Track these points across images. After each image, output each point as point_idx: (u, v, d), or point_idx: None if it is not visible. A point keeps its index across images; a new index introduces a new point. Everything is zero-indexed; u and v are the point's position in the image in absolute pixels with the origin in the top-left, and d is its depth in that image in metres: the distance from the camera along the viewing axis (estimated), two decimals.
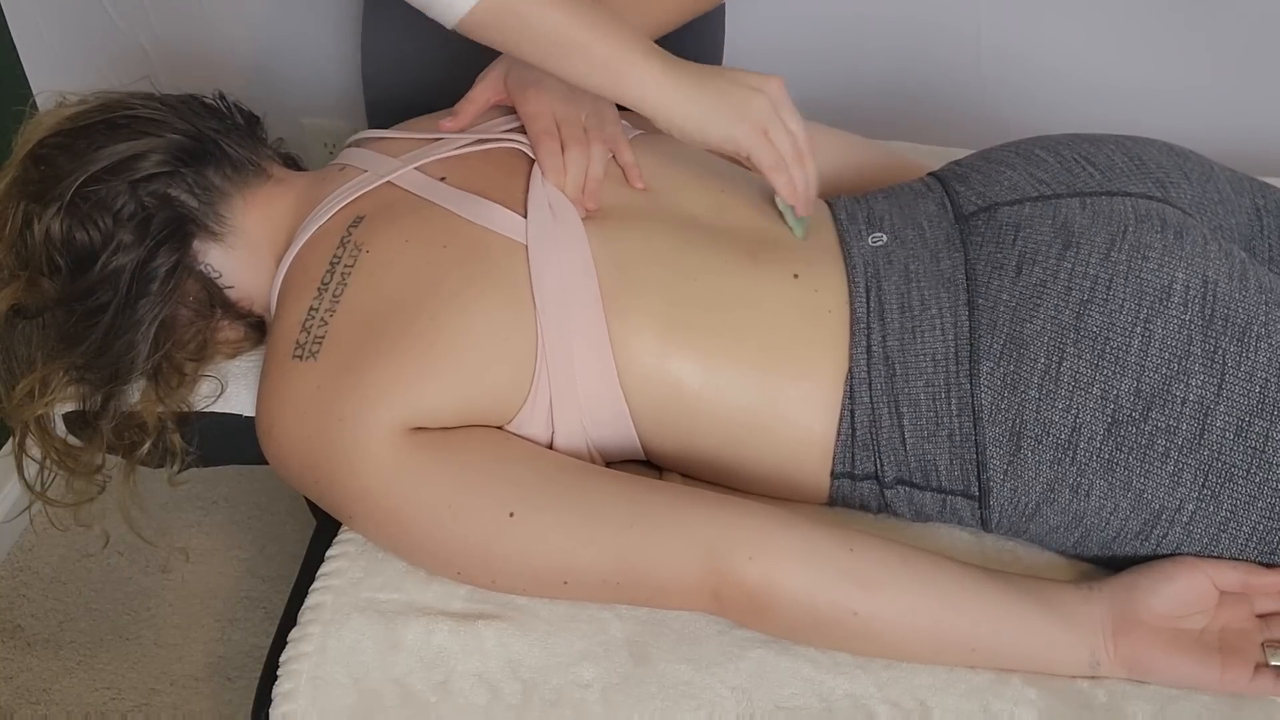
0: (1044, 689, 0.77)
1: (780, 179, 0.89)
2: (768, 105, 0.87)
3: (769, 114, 0.87)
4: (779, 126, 0.88)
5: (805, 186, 0.90)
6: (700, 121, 0.85)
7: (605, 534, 0.79)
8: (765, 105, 0.87)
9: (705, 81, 0.86)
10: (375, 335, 0.82)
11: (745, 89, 0.87)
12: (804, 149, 0.90)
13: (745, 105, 0.86)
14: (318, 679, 0.79)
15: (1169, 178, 0.91)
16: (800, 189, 0.90)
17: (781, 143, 0.88)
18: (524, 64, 0.94)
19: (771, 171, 0.88)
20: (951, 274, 0.86)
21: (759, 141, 0.87)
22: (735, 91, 0.86)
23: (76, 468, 0.90)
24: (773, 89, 0.88)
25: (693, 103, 0.85)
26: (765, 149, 0.87)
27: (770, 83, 0.88)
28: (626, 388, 0.84)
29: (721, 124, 0.86)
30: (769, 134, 0.87)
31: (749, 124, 0.86)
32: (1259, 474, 0.77)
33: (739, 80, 0.87)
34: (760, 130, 0.87)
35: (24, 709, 1.43)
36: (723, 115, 0.86)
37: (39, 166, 0.88)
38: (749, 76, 0.88)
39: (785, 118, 0.88)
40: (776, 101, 0.88)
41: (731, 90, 0.86)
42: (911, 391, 0.83)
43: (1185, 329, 0.79)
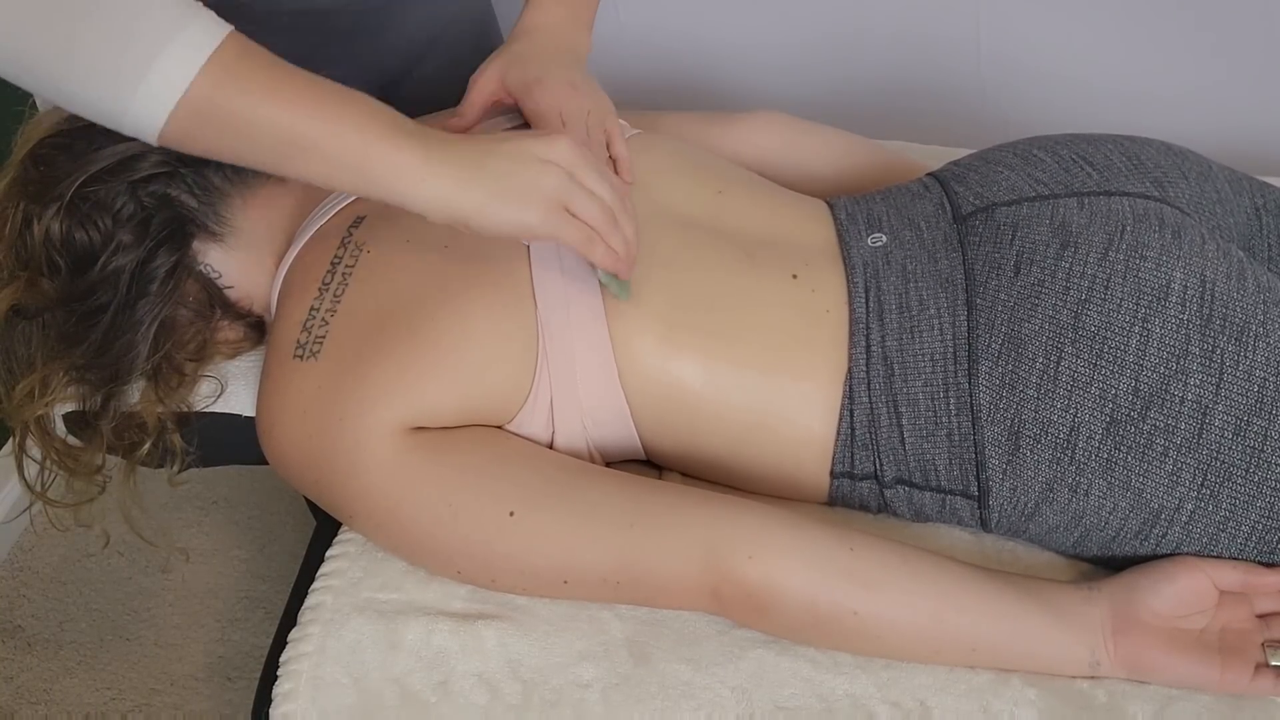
0: (1044, 689, 0.77)
1: (597, 253, 0.77)
2: (560, 177, 0.74)
3: (565, 186, 0.74)
4: (581, 195, 0.75)
5: (625, 248, 0.79)
6: (482, 214, 0.72)
7: (605, 533, 0.79)
8: (557, 177, 0.74)
9: (478, 164, 0.72)
10: (376, 335, 0.82)
11: (530, 163, 0.74)
12: (617, 207, 0.77)
13: (534, 185, 0.73)
14: (318, 679, 0.79)
15: (1167, 177, 0.91)
16: (622, 253, 0.78)
17: (587, 212, 0.76)
18: (521, 63, 0.94)
19: (584, 248, 0.77)
20: (950, 274, 0.86)
21: (560, 221, 0.75)
22: (519, 171, 0.73)
23: (76, 468, 0.90)
24: (562, 153, 0.75)
25: (468, 193, 0.72)
26: (569, 227, 0.75)
27: (557, 146, 0.75)
28: (627, 388, 0.84)
29: (511, 213, 0.73)
30: (571, 207, 0.75)
31: (543, 206, 0.74)
32: (1258, 473, 0.77)
33: (521, 154, 0.74)
34: (558, 209, 0.74)
35: (24, 709, 1.43)
36: (510, 202, 0.73)
37: (39, 166, 0.88)
38: (532, 144, 0.74)
39: (586, 181, 0.75)
40: (571, 166, 0.75)
41: (514, 170, 0.73)
42: (910, 391, 0.83)
43: (1183, 328, 0.79)
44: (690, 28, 1.60)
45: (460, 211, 0.72)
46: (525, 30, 0.98)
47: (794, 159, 1.11)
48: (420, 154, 0.71)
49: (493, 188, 0.72)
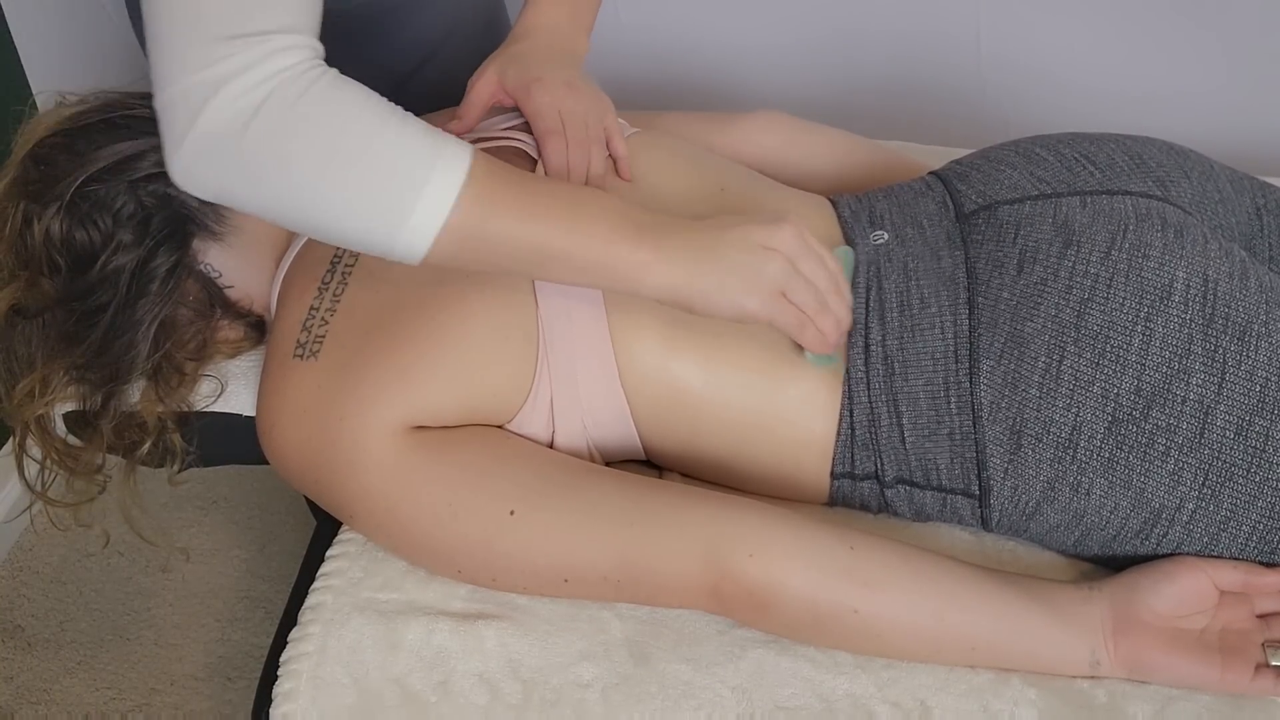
0: (1044, 689, 0.77)
1: (808, 336, 0.79)
2: (782, 266, 0.76)
3: (785, 275, 0.77)
4: (798, 283, 0.77)
5: (835, 332, 0.80)
6: (707, 301, 0.76)
7: (606, 532, 0.79)
8: (779, 267, 0.76)
9: (708, 255, 0.76)
10: (376, 335, 0.82)
11: (755, 253, 0.76)
12: (830, 290, 0.79)
13: (757, 275, 0.76)
14: (318, 679, 0.79)
15: (1169, 177, 0.91)
16: (830, 337, 0.80)
17: (803, 299, 0.78)
18: (519, 63, 0.94)
19: (796, 333, 0.79)
20: (952, 272, 0.86)
21: (778, 307, 0.77)
22: (743, 261, 0.76)
23: (77, 468, 0.90)
24: (785, 242, 0.77)
25: (697, 283, 0.75)
26: (785, 313, 0.78)
27: (780, 234, 0.77)
28: (628, 387, 0.84)
29: (732, 300, 0.76)
30: (787, 295, 0.77)
31: (763, 294, 0.76)
32: (1259, 473, 0.77)
33: (746, 243, 0.76)
34: (776, 295, 0.77)
35: (24, 709, 1.43)
36: (734, 290, 0.76)
37: (39, 166, 0.88)
38: (757, 233, 0.77)
39: (805, 269, 0.77)
40: (793, 255, 0.77)
41: (739, 261, 0.76)
42: (911, 390, 0.83)
43: (1186, 328, 0.79)
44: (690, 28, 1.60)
45: (688, 296, 0.76)
46: (524, 31, 0.98)
47: (795, 159, 1.11)
48: (653, 251, 0.75)
49: (719, 277, 0.76)
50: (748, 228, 0.77)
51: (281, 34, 0.68)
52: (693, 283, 0.75)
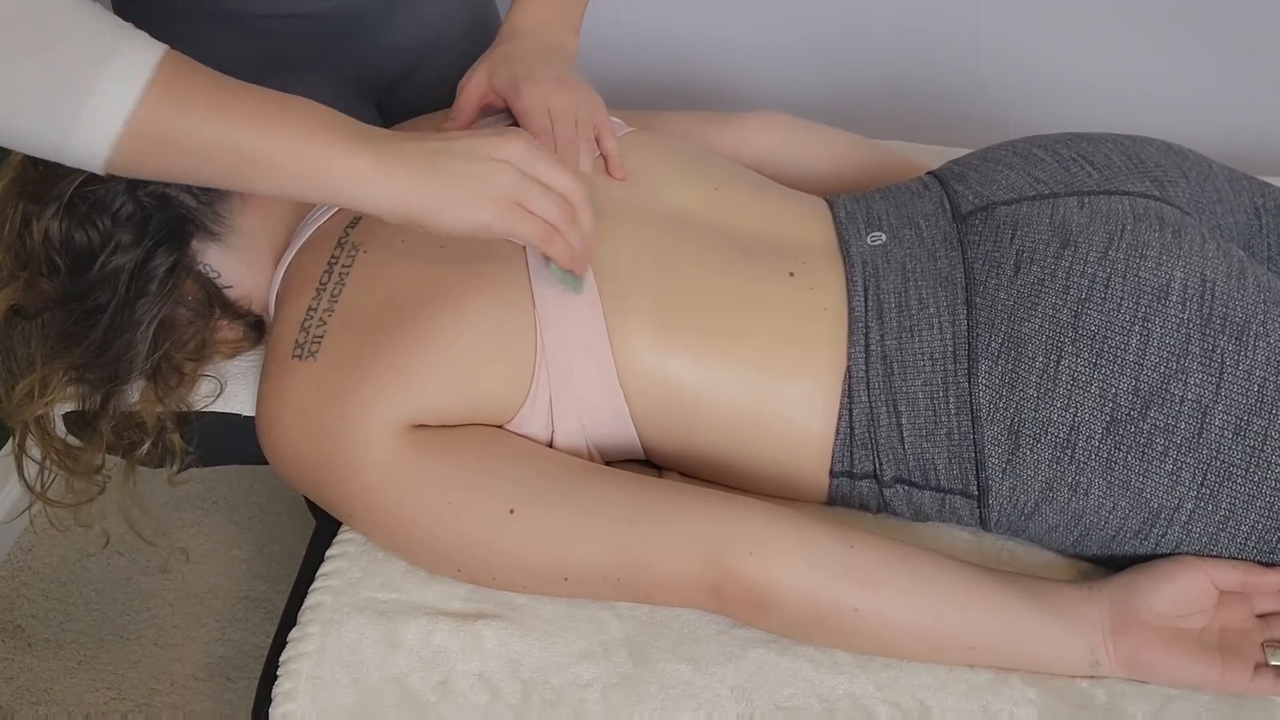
0: (1044, 689, 0.77)
1: (556, 248, 0.77)
2: (512, 174, 0.74)
3: (519, 183, 0.74)
4: (535, 191, 0.75)
5: (582, 244, 0.78)
6: (436, 214, 0.72)
7: (606, 530, 0.79)
8: (510, 175, 0.74)
9: (429, 163, 0.72)
10: (374, 334, 0.82)
11: (482, 162, 0.73)
12: (575, 200, 0.76)
13: (487, 182, 0.73)
14: (318, 679, 0.79)
15: (1167, 177, 0.91)
16: (578, 249, 0.78)
17: (544, 209, 0.75)
18: (508, 63, 0.94)
19: (543, 244, 0.76)
20: (949, 273, 0.86)
21: (516, 218, 0.74)
22: (471, 169, 0.73)
23: (76, 468, 0.90)
24: (515, 150, 0.74)
25: (420, 193, 0.71)
26: (525, 223, 0.75)
27: (510, 144, 0.74)
28: (626, 387, 0.84)
29: (464, 211, 0.73)
30: (527, 204, 0.74)
31: (496, 204, 0.73)
32: (1257, 473, 0.77)
33: (472, 152, 0.73)
34: (512, 205, 0.74)
35: (24, 709, 1.43)
36: (463, 201, 0.72)
37: (38, 166, 0.88)
38: (483, 142, 0.74)
39: (542, 174, 0.75)
40: (525, 163, 0.74)
41: (466, 169, 0.73)
42: (909, 390, 0.83)
43: (1183, 328, 0.79)
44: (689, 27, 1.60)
45: (412, 211, 0.72)
46: (512, 32, 0.98)
47: (793, 158, 1.11)
48: (371, 157, 0.70)
49: (444, 187, 0.72)
50: (474, 138, 0.74)
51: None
52: (419, 195, 0.71)
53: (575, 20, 1.01)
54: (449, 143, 0.74)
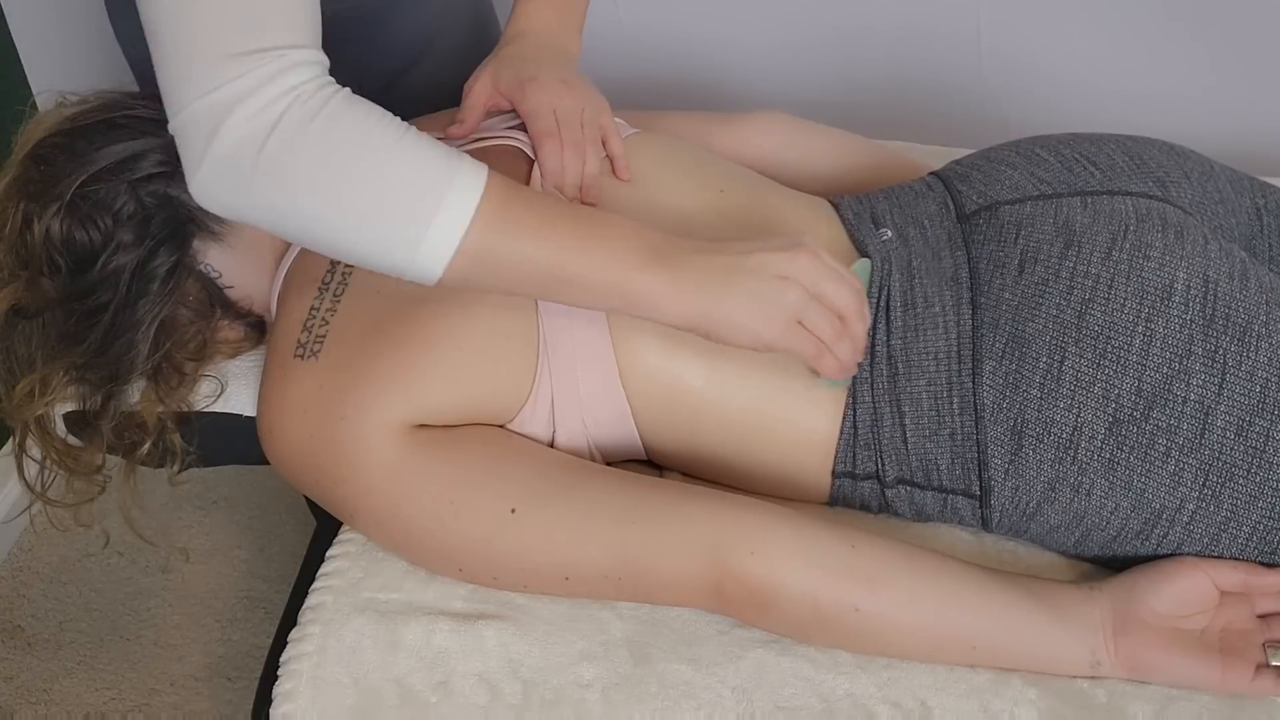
0: (1044, 689, 0.77)
1: (825, 365, 0.78)
2: (800, 294, 0.75)
3: (803, 303, 0.75)
4: (815, 310, 0.76)
5: (852, 357, 0.79)
6: (727, 330, 0.75)
7: (607, 529, 0.79)
8: (797, 294, 0.75)
9: (724, 284, 0.74)
10: (376, 334, 0.82)
11: (772, 283, 0.75)
12: (850, 315, 0.77)
13: (774, 305, 0.75)
14: (318, 679, 0.79)
15: (1169, 177, 0.91)
16: (847, 362, 0.79)
17: (821, 328, 0.77)
18: (513, 65, 0.94)
19: (814, 362, 0.78)
20: (954, 272, 0.86)
21: (795, 337, 0.76)
22: (761, 289, 0.75)
23: (76, 468, 0.90)
24: (803, 269, 0.75)
25: (714, 313, 0.75)
26: (802, 342, 0.77)
27: (798, 261, 0.75)
28: (628, 388, 0.84)
29: (751, 329, 0.75)
30: (805, 322, 0.76)
31: (781, 323, 0.75)
32: (1259, 474, 0.77)
33: (764, 272, 0.75)
34: (794, 324, 0.76)
35: (24, 709, 1.43)
36: (752, 320, 0.75)
37: (39, 166, 0.88)
38: (774, 260, 0.75)
39: (825, 292, 0.76)
40: (810, 281, 0.75)
41: (757, 289, 0.75)
42: (913, 390, 0.83)
43: (1186, 328, 0.79)
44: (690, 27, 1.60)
45: (704, 326, 0.75)
46: (515, 34, 0.98)
47: (794, 159, 1.10)
48: (670, 279, 0.74)
49: (737, 307, 0.75)
50: (765, 255, 0.76)
51: (290, 49, 0.69)
52: (710, 313, 0.75)
53: (578, 21, 1.01)
54: (741, 258, 0.75)
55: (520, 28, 0.98)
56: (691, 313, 0.75)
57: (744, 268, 0.75)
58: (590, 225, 0.75)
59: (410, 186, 0.70)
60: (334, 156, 0.69)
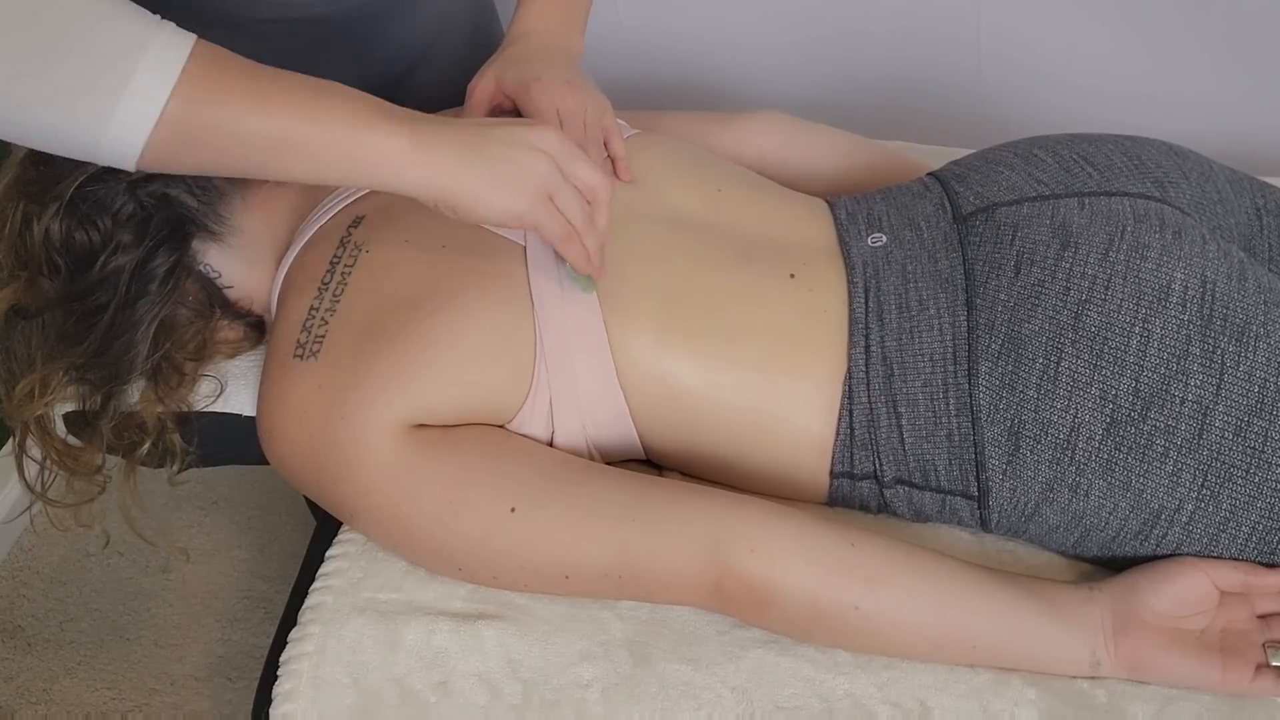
0: (1044, 689, 0.77)
1: (573, 250, 0.78)
2: (550, 167, 0.74)
3: (553, 177, 0.74)
4: (566, 189, 0.75)
5: (597, 248, 0.79)
6: (475, 198, 0.72)
7: (607, 528, 0.79)
8: (547, 167, 0.74)
9: (471, 147, 0.72)
10: (376, 334, 0.82)
11: (522, 150, 0.73)
12: (599, 200, 0.77)
13: (526, 171, 0.73)
14: (318, 679, 0.79)
15: (1168, 178, 0.91)
16: (594, 253, 0.79)
17: (570, 207, 0.76)
18: (516, 65, 0.94)
19: (563, 244, 0.77)
20: (950, 274, 0.86)
21: (545, 212, 0.75)
22: (511, 156, 0.73)
23: (76, 468, 0.90)
24: (552, 143, 0.75)
25: (460, 177, 0.71)
26: (553, 219, 0.76)
27: (547, 135, 0.75)
28: (626, 387, 0.84)
29: (500, 199, 0.73)
30: (555, 199, 0.75)
31: (531, 194, 0.74)
32: (1258, 474, 0.77)
33: (513, 140, 0.73)
34: (545, 198, 0.75)
35: (24, 709, 1.43)
36: (500, 189, 0.72)
37: (38, 166, 0.88)
38: (523, 133, 0.74)
39: (577, 170, 0.76)
40: (560, 156, 0.75)
41: (506, 156, 0.73)
42: (910, 391, 0.83)
43: (1184, 329, 0.79)
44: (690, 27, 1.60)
45: (449, 193, 0.72)
46: (519, 35, 0.98)
47: (794, 159, 1.11)
48: (409, 138, 0.70)
49: (485, 172, 0.72)
50: (514, 127, 0.74)
51: None
52: (459, 178, 0.71)
53: (581, 21, 1.02)
54: (488, 128, 0.73)
55: (523, 28, 0.99)
56: (437, 179, 0.71)
57: (491, 136, 0.72)
58: (316, 90, 0.69)
59: (100, 49, 0.61)
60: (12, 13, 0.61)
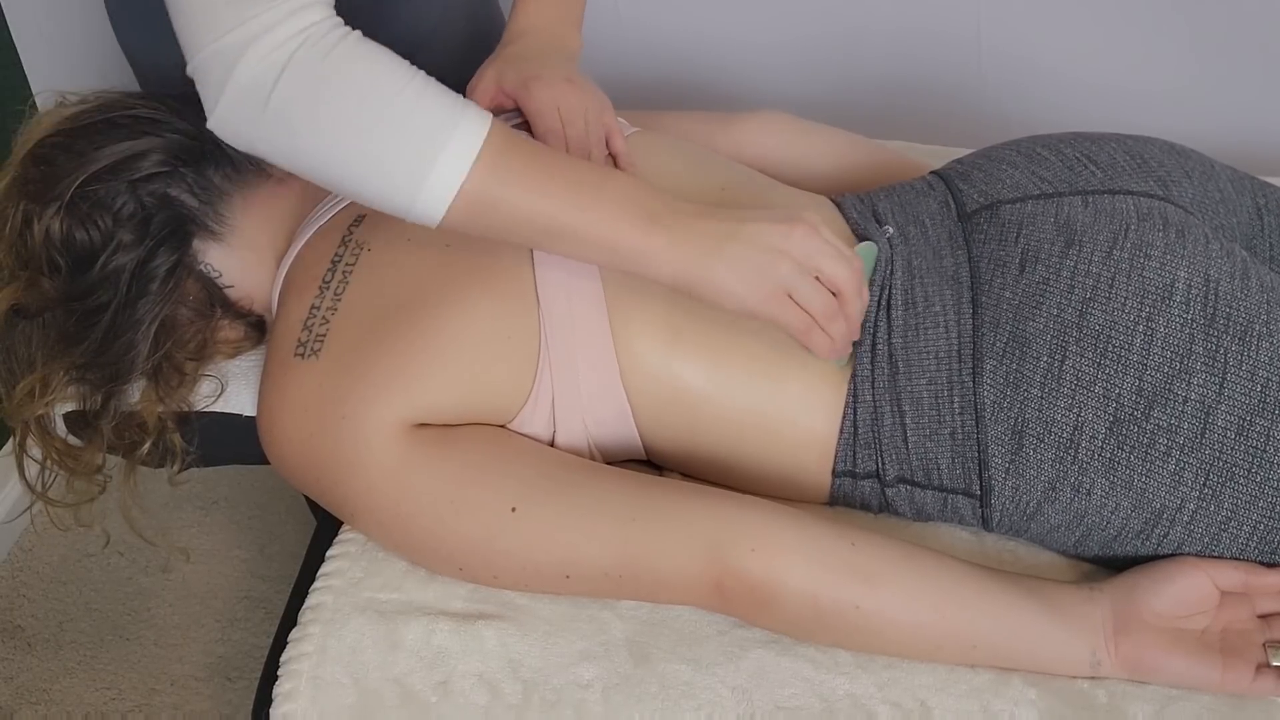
0: (1044, 689, 0.77)
1: (813, 340, 0.79)
2: (790, 268, 0.75)
3: (794, 277, 0.76)
4: (805, 286, 0.76)
5: (844, 337, 0.80)
6: (715, 293, 0.76)
7: (607, 527, 0.79)
8: (789, 269, 0.75)
9: (718, 249, 0.75)
10: (377, 333, 0.82)
11: (764, 253, 0.75)
12: (846, 291, 0.77)
13: (764, 274, 0.75)
14: (318, 679, 0.79)
15: (1170, 176, 0.91)
16: (839, 342, 0.80)
17: (811, 302, 0.77)
18: (516, 64, 0.95)
19: (802, 337, 0.78)
20: (955, 271, 0.86)
21: (781, 308, 0.77)
22: (754, 258, 0.75)
23: (77, 468, 0.90)
24: (797, 243, 0.75)
25: (704, 275, 0.75)
26: (791, 315, 0.77)
27: (794, 235, 0.75)
28: (629, 387, 0.84)
29: (735, 296, 0.76)
30: (795, 296, 0.77)
31: (766, 293, 0.76)
32: (1260, 473, 0.77)
33: (759, 242, 0.75)
34: (781, 297, 0.76)
35: (24, 709, 1.43)
36: (739, 286, 0.75)
37: (39, 166, 0.88)
38: (771, 232, 0.76)
39: (821, 267, 0.76)
40: (803, 256, 0.76)
41: (749, 257, 0.75)
42: (914, 389, 0.83)
43: (1187, 328, 0.79)
44: (690, 26, 1.60)
45: (692, 286, 0.76)
46: (517, 33, 0.98)
47: (795, 158, 1.10)
48: (664, 240, 0.75)
49: (726, 272, 0.75)
50: (762, 225, 0.76)
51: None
52: (700, 274, 0.76)
53: (577, 17, 1.02)
54: (738, 225, 0.76)
55: (522, 26, 0.99)
56: (681, 272, 0.76)
57: (739, 235, 0.76)
58: (590, 181, 0.76)
59: (415, 129, 0.72)
60: (342, 96, 0.71)
